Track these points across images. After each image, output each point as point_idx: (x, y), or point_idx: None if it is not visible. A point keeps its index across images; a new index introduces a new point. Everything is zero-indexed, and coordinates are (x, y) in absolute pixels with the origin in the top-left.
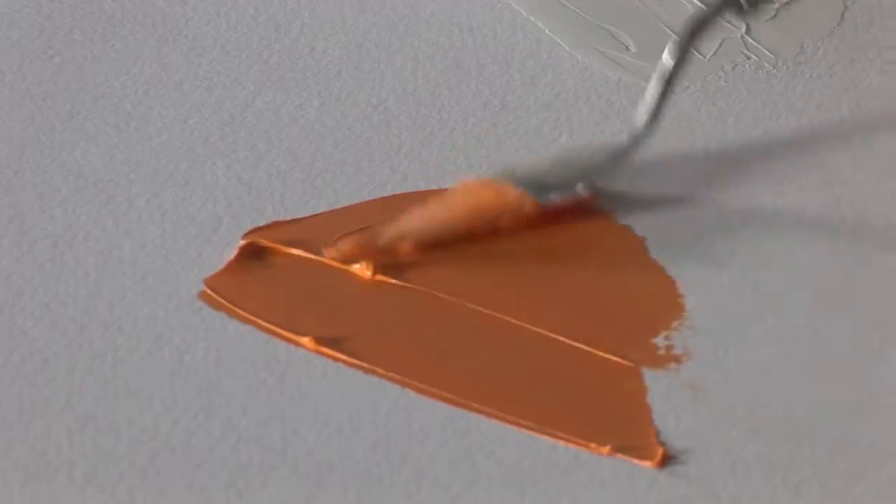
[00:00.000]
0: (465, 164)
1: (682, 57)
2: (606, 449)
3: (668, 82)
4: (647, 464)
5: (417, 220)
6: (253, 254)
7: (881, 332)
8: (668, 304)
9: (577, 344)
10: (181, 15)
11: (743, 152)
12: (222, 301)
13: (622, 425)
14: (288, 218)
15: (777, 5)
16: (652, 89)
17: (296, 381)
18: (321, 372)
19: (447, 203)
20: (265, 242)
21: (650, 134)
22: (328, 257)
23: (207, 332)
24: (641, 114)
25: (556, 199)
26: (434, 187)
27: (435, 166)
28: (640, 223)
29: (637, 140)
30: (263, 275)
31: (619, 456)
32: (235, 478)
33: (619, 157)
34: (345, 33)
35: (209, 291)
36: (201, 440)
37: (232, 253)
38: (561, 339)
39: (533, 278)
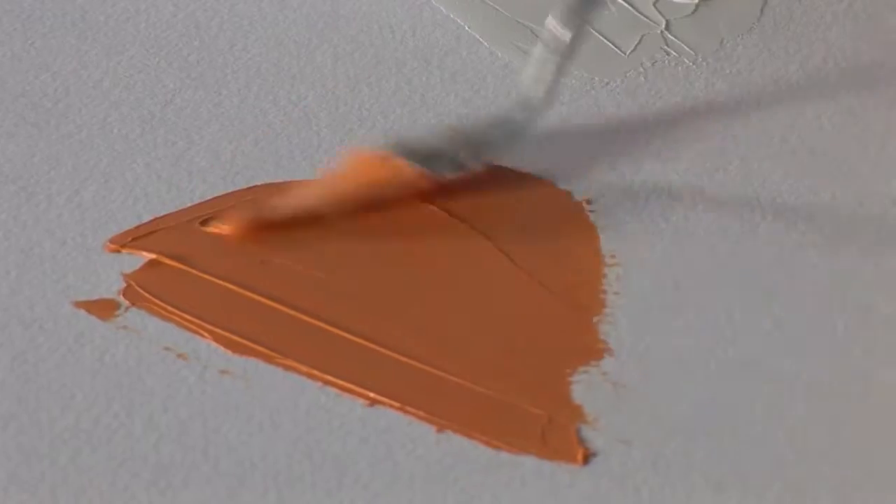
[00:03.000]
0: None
1: (579, 30)
2: (528, 448)
3: (566, 58)
4: (568, 463)
5: (306, 195)
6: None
7: (801, 328)
8: (588, 300)
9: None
10: (100, 12)
11: (663, 148)
12: (143, 298)
13: (544, 425)
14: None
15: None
16: (545, 63)
17: (216, 378)
18: (242, 370)
19: (338, 178)
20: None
21: (547, 110)
22: (214, 229)
23: (128, 329)
24: (534, 87)
25: (449, 174)
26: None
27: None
28: None
29: (533, 116)
30: (183, 271)
31: (541, 455)
32: (157, 476)
33: (514, 133)
34: (264, 30)
35: (129, 288)
36: (123, 438)
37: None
38: (481, 335)
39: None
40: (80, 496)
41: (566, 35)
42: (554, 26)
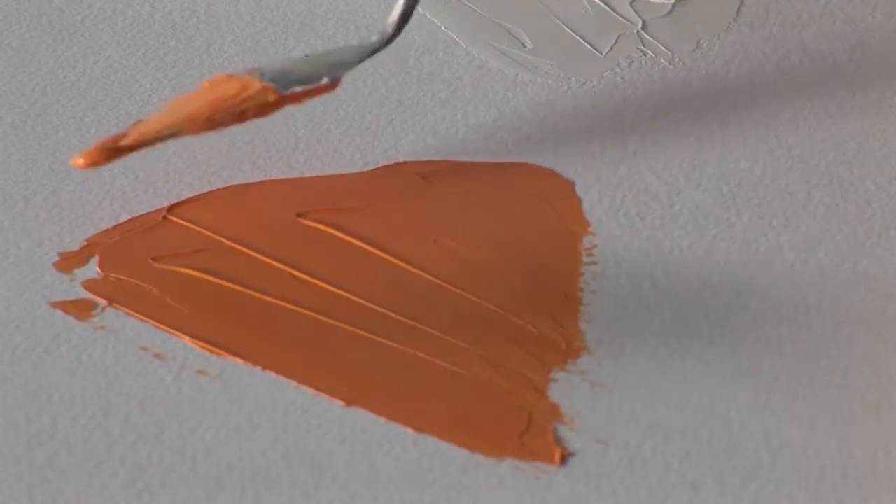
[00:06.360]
0: (361, 160)
1: None
2: (505, 448)
3: None
4: (545, 463)
5: (161, 115)
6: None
7: (777, 327)
8: (565, 299)
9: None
10: (77, 13)
11: (640, 149)
12: (118, 299)
13: (521, 425)
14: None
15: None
16: None
17: (193, 379)
18: (219, 370)
19: (191, 97)
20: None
21: (397, 36)
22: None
23: (105, 329)
24: (392, 16)
25: (298, 88)
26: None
27: (331, 161)
28: None
29: (385, 41)
30: (156, 270)
31: (518, 455)
32: (134, 477)
33: (365, 54)
34: (241, 31)
35: (101, 292)
36: (100, 439)
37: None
38: (456, 334)
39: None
40: (57, 497)
41: None
42: None
